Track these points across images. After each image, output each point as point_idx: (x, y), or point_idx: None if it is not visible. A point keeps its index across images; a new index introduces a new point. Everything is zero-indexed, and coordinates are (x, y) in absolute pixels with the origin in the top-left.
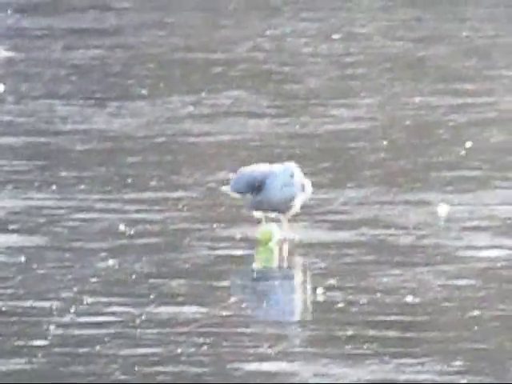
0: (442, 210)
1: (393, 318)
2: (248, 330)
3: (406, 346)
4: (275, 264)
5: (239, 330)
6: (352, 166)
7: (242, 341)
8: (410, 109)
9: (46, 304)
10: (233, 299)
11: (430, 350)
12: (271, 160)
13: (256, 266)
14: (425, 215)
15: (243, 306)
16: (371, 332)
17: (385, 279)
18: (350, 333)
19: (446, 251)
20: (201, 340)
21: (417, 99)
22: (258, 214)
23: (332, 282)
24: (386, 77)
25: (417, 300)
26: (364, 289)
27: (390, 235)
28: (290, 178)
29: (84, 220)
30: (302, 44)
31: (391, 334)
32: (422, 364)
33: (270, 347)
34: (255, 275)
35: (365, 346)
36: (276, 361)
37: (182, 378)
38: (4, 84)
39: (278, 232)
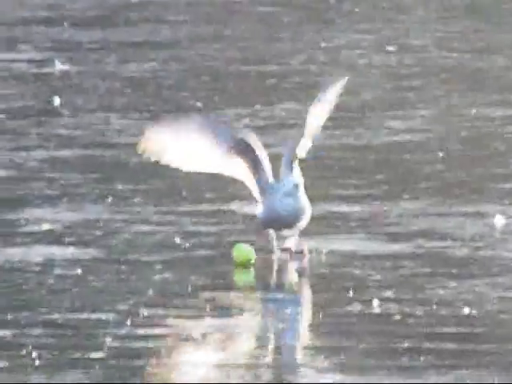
0: (499, 221)
1: (449, 330)
2: (303, 342)
3: (463, 358)
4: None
5: (294, 341)
6: (407, 177)
7: (297, 353)
8: (466, 120)
9: (103, 316)
10: (288, 311)
11: (488, 362)
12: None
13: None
14: (481, 227)
15: (298, 317)
16: (428, 344)
17: (441, 291)
18: (406, 345)
19: (502, 263)
20: (258, 351)
21: (473, 111)
22: (272, 232)
23: (388, 294)
24: (442, 88)
25: (474, 312)
26: (420, 301)
27: (446, 247)
28: (293, 189)
29: (140, 232)
30: (356, 56)
31: (448, 346)
32: (480, 376)
33: (325, 359)
34: (310, 287)
35: (422, 359)
36: (332, 373)
37: None
38: (60, 97)
39: (253, 254)
